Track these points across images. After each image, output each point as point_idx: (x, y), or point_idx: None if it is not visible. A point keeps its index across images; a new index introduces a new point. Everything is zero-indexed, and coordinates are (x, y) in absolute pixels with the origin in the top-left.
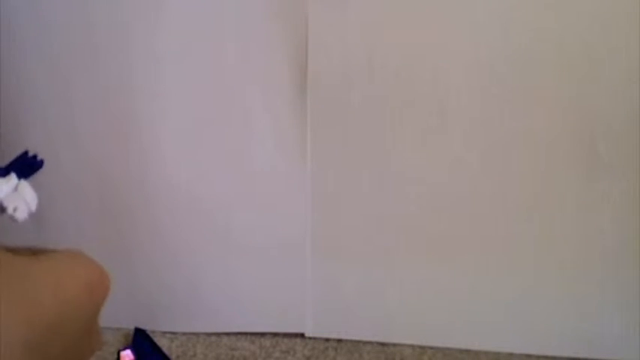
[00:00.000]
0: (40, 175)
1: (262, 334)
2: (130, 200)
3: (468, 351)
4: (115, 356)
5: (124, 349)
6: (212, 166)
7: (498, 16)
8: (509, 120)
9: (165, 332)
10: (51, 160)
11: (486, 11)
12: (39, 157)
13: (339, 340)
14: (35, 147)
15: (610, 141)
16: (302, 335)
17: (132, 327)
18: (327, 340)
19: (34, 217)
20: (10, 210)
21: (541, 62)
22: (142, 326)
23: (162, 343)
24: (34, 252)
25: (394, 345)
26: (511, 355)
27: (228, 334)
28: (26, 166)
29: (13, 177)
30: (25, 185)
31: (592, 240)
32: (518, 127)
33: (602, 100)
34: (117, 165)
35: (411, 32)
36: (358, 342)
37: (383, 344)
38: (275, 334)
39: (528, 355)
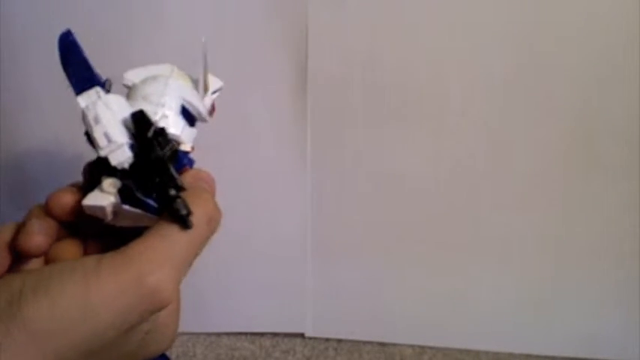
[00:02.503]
0: (38, 175)
1: (262, 334)
2: None
3: (468, 351)
4: None
5: None
6: (212, 166)
7: (498, 16)
8: (508, 120)
9: None
10: (51, 160)
11: (486, 11)
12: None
13: (339, 340)
14: (35, 147)
15: (610, 141)
16: (302, 335)
17: None
18: (327, 340)
19: None
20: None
21: (540, 62)
22: None
23: None
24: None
25: (394, 345)
26: (511, 355)
27: (228, 334)
28: None
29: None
30: None
31: (592, 240)
32: (517, 127)
33: (602, 99)
34: None
35: (411, 32)
36: (358, 342)
37: (383, 344)
38: (275, 334)
39: (528, 355)
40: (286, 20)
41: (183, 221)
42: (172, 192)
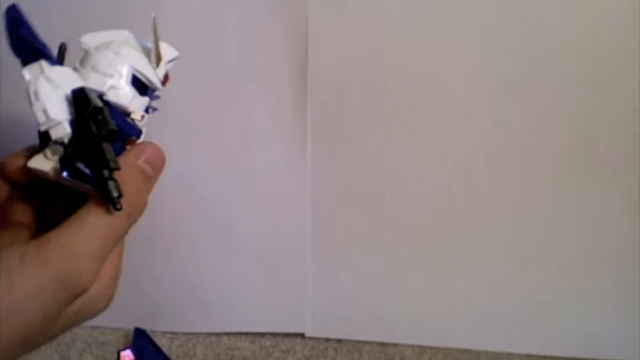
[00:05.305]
0: None
1: (262, 334)
2: None
3: (467, 351)
4: (115, 356)
5: (124, 349)
6: (212, 166)
7: (498, 17)
8: (508, 120)
9: (165, 332)
10: None
11: (486, 11)
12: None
13: (339, 340)
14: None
15: (610, 141)
16: (302, 335)
17: (132, 327)
18: (327, 340)
19: None
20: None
21: (541, 63)
22: (142, 326)
23: (163, 343)
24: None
25: (394, 345)
26: (511, 355)
27: (228, 334)
28: None
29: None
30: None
31: (592, 240)
32: (517, 128)
33: (602, 100)
34: None
35: (410, 32)
36: (358, 342)
37: (383, 344)
38: (275, 334)
39: (528, 355)
40: (286, 20)
41: (113, 203)
42: (105, 173)
